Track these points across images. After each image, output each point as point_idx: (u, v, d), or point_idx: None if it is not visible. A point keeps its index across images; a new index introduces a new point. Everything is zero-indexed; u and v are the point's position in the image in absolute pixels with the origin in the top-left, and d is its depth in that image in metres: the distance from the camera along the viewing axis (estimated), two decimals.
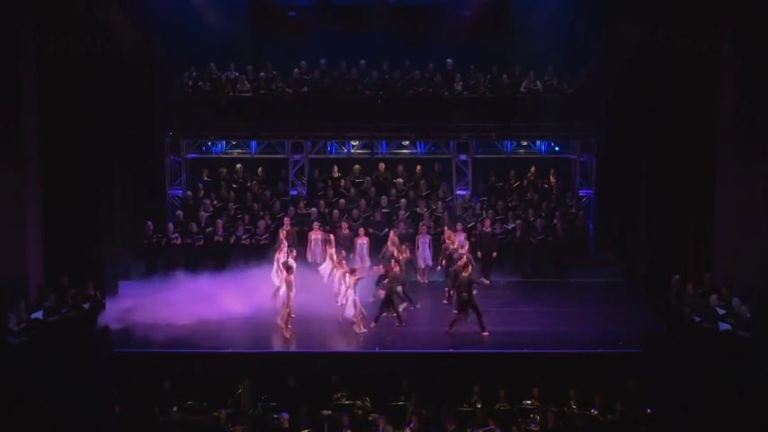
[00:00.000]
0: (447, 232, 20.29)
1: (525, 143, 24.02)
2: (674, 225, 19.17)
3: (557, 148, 24.13)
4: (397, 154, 24.20)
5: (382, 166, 23.75)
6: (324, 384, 16.45)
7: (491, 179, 23.56)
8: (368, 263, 20.51)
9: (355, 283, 17.41)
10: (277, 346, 17.09)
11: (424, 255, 20.96)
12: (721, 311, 16.20)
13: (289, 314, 17.11)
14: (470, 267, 17.66)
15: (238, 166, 23.77)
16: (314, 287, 19.05)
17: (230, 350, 16.95)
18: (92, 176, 18.99)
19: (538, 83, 22.62)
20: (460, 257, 18.34)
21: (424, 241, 20.95)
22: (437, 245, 21.03)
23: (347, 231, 21.03)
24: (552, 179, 23.49)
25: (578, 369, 16.16)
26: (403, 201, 22.50)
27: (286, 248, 18.93)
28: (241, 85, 22.88)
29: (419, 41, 23.30)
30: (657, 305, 17.67)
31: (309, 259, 20.78)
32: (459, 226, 21.00)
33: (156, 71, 21.87)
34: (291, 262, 17.94)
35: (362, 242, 20.69)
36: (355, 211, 22.26)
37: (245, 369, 16.63)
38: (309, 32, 23.20)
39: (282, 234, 20.03)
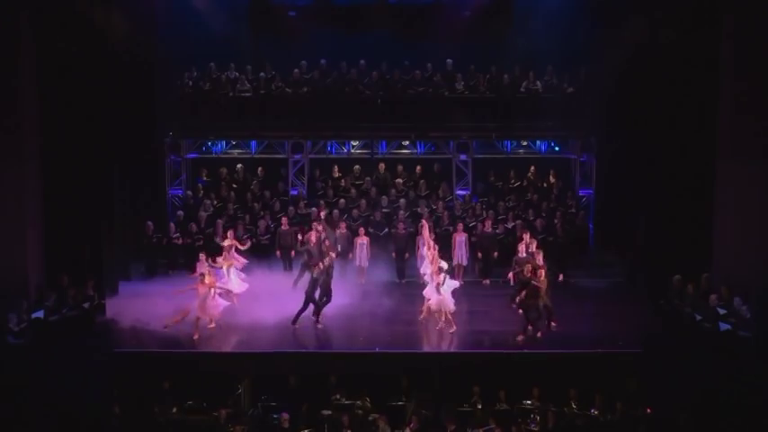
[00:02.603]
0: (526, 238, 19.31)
1: (525, 143, 24.04)
2: (674, 225, 19.15)
3: (557, 148, 24.14)
4: (397, 154, 24.21)
5: (382, 166, 23.76)
6: (324, 384, 16.43)
7: (491, 179, 23.57)
8: (367, 263, 20.54)
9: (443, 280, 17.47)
10: (277, 346, 17.08)
11: (424, 255, 20.91)
12: (722, 311, 16.20)
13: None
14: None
15: (238, 166, 23.79)
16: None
17: (230, 350, 16.98)
18: (92, 176, 18.96)
19: (538, 83, 22.62)
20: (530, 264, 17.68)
21: (424, 242, 20.93)
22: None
23: (345, 231, 21.00)
24: (552, 179, 23.51)
25: (578, 369, 16.16)
26: (402, 201, 22.51)
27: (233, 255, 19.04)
28: (241, 85, 22.88)
29: (419, 41, 23.29)
30: (660, 305, 17.66)
31: None
32: (460, 226, 21.01)
33: (156, 71, 21.84)
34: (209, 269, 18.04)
35: (362, 242, 20.69)
36: (355, 211, 22.28)
37: (245, 369, 16.62)
38: (309, 32, 23.18)
39: (228, 242, 19.49)
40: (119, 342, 16.84)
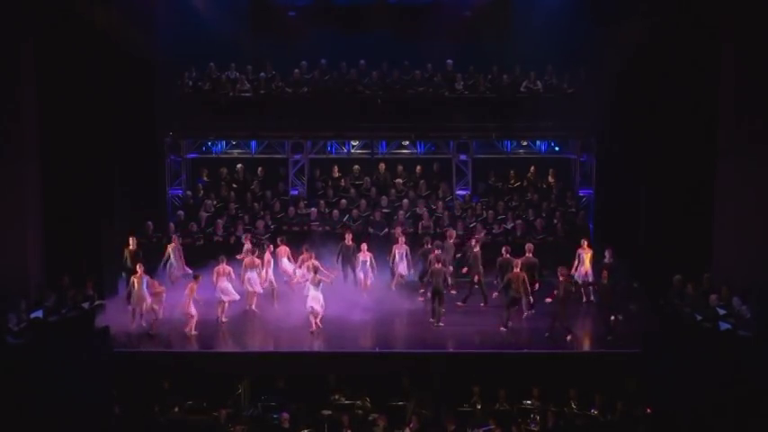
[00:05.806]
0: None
1: (525, 143, 24.03)
2: (674, 225, 19.15)
3: (557, 148, 24.13)
4: (397, 154, 24.20)
5: (382, 166, 23.75)
6: (323, 384, 16.44)
7: (491, 179, 23.56)
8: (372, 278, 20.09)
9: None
10: (277, 346, 17.10)
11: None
12: (721, 311, 16.19)
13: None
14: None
15: (238, 166, 23.79)
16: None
17: (230, 350, 16.98)
18: (92, 176, 18.99)
19: (538, 83, 22.61)
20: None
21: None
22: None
23: (351, 243, 20.01)
24: (552, 179, 23.50)
25: (578, 369, 16.16)
26: (405, 201, 22.48)
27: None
28: (241, 85, 22.87)
29: (419, 41, 23.27)
30: (660, 305, 17.66)
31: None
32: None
33: (156, 71, 21.85)
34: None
35: (365, 259, 19.66)
36: (355, 211, 22.27)
37: (245, 369, 16.63)
38: (309, 32, 23.19)
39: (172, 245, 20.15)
40: (119, 342, 16.83)
